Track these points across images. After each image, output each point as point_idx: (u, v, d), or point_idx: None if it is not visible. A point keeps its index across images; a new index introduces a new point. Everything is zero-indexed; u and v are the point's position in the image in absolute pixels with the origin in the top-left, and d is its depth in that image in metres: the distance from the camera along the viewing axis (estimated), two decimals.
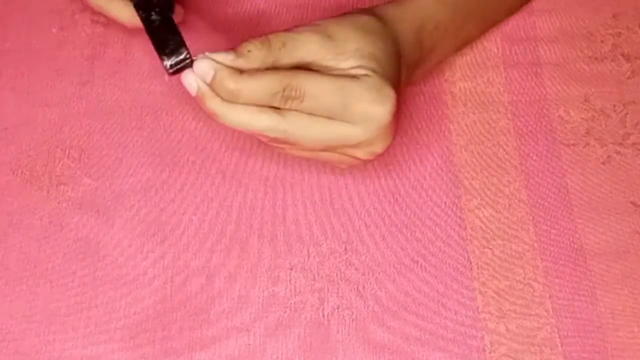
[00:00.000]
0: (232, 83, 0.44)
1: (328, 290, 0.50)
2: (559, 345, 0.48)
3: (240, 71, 0.45)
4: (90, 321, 0.49)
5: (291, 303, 0.49)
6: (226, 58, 0.45)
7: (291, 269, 0.50)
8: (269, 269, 0.50)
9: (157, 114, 0.56)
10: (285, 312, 0.49)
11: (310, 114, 0.45)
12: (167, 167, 0.54)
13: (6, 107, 0.57)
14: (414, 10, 0.51)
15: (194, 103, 0.51)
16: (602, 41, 0.58)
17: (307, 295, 0.50)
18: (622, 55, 0.57)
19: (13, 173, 0.54)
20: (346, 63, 0.46)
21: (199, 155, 0.55)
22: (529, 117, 0.55)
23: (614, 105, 0.55)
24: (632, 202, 0.52)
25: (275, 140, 0.47)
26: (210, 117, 0.46)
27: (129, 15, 0.54)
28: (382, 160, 0.53)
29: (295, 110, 0.45)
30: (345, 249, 0.51)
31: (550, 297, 0.49)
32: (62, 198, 0.53)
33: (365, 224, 0.52)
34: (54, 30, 0.60)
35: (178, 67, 0.46)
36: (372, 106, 0.45)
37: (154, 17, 0.48)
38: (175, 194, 0.53)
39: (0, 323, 0.49)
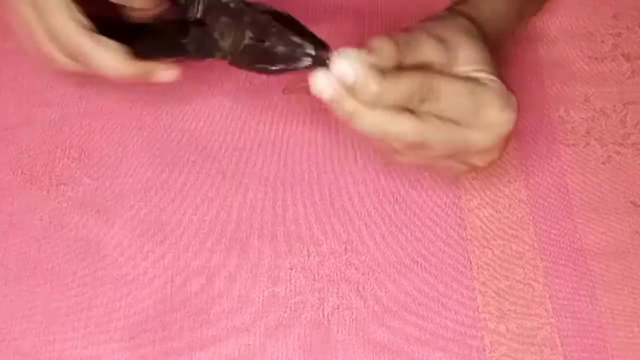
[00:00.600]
0: (375, 85, 0.41)
1: (328, 290, 0.50)
2: (559, 345, 0.48)
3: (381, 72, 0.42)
4: (90, 321, 0.49)
5: (291, 303, 0.49)
6: (360, 56, 0.41)
7: (291, 269, 0.50)
8: (269, 269, 0.50)
9: (157, 114, 0.56)
10: (285, 312, 0.49)
11: (437, 115, 0.43)
12: (167, 167, 0.54)
13: (6, 107, 0.57)
14: (492, 16, 0.50)
15: (195, 103, 0.52)
16: (602, 41, 0.58)
17: (307, 295, 0.50)
18: (622, 55, 0.57)
19: (13, 173, 0.54)
20: (460, 68, 0.45)
21: (199, 155, 0.55)
22: (529, 117, 0.55)
23: (614, 105, 0.55)
24: (632, 202, 0.52)
25: (410, 145, 0.44)
26: (343, 123, 0.43)
27: (116, 65, 0.47)
28: (382, 160, 0.54)
29: (428, 112, 0.43)
30: (345, 249, 0.51)
31: (550, 297, 0.49)
32: (62, 198, 0.53)
33: (365, 224, 0.52)
34: None
35: (315, 62, 0.42)
36: (501, 113, 0.44)
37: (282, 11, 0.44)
38: (175, 194, 0.53)
39: (0, 323, 0.49)
